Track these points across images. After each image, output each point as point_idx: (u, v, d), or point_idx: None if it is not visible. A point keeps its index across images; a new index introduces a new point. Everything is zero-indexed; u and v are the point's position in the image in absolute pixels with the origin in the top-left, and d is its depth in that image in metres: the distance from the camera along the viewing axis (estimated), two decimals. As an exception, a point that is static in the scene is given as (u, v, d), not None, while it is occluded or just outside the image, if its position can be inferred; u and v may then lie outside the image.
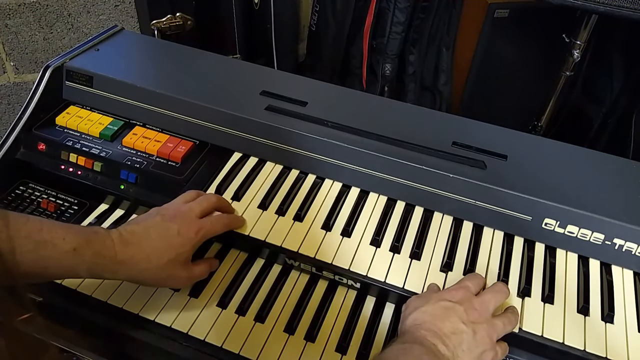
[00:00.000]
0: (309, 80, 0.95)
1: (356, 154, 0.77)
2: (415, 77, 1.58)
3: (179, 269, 0.63)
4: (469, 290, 0.63)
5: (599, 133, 1.49)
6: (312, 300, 0.69)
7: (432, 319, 0.60)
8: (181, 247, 0.63)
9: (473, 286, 0.64)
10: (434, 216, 0.75)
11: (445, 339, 0.58)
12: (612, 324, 0.65)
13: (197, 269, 0.66)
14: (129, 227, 0.63)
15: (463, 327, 0.59)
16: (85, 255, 0.57)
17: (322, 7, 1.56)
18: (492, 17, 1.46)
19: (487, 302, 0.62)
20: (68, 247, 0.56)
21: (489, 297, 0.63)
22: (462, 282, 0.65)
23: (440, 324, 0.59)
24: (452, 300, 0.62)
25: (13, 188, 0.80)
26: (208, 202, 0.69)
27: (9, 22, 1.34)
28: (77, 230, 0.59)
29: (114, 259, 0.59)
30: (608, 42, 1.43)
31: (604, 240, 0.70)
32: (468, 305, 0.61)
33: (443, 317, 0.60)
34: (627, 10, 0.98)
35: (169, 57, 0.96)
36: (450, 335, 0.58)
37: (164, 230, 0.63)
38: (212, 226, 0.67)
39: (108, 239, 0.59)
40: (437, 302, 0.62)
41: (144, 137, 0.82)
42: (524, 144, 0.83)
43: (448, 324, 0.59)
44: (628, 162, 0.81)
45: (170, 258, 0.62)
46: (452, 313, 0.60)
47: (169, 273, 0.62)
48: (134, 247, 0.60)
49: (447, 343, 0.58)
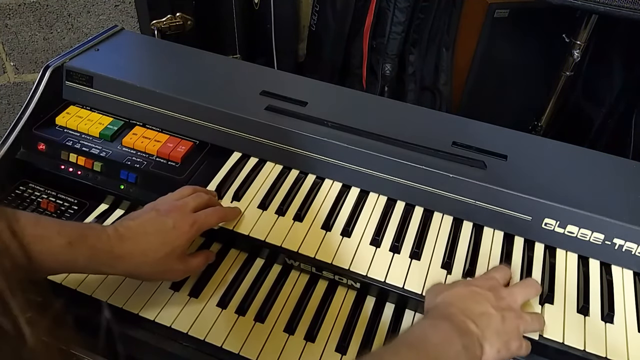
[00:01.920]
0: (309, 80, 0.95)
1: (356, 154, 0.77)
2: (415, 77, 1.58)
3: (176, 262, 0.64)
4: (497, 281, 0.64)
5: (599, 133, 1.49)
6: (312, 300, 0.69)
7: (462, 299, 0.60)
8: (177, 241, 0.63)
9: (500, 277, 0.65)
10: (434, 216, 0.75)
11: (474, 318, 0.58)
12: (612, 324, 0.65)
13: (194, 261, 0.66)
14: (124, 222, 0.63)
15: (492, 311, 0.59)
16: (81, 249, 0.57)
17: (322, 7, 1.55)
18: (492, 17, 1.46)
19: (516, 293, 0.63)
20: (63, 241, 0.56)
21: (518, 290, 0.63)
22: (489, 273, 0.66)
23: (470, 304, 0.59)
24: (482, 287, 0.62)
25: (13, 188, 0.80)
26: (202, 197, 0.69)
27: (9, 22, 1.34)
28: (72, 226, 0.59)
29: (111, 253, 0.59)
30: (608, 42, 1.43)
31: (604, 240, 0.70)
32: (497, 293, 0.62)
33: (473, 300, 0.60)
34: (627, 10, 0.98)
35: (169, 57, 0.96)
36: (479, 316, 0.58)
37: (159, 224, 0.63)
38: (207, 219, 0.67)
39: (104, 234, 0.60)
40: (466, 287, 0.62)
41: (144, 137, 0.82)
42: (524, 144, 0.83)
43: (478, 306, 0.59)
44: (628, 162, 0.81)
45: (166, 252, 0.62)
46: (482, 298, 0.60)
47: (166, 267, 0.63)
48: (130, 242, 0.60)
49: (477, 323, 0.58)
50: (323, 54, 1.62)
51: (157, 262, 0.62)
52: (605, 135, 1.47)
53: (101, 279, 0.69)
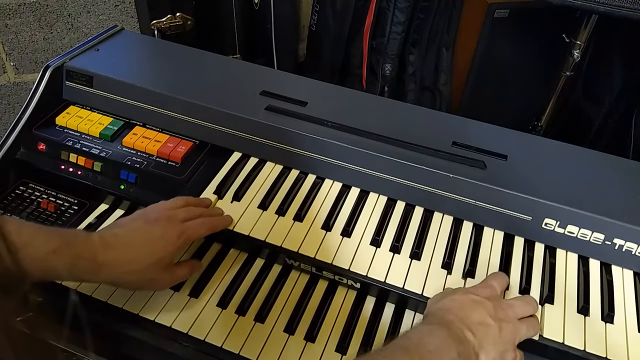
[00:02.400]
0: (309, 80, 0.95)
1: (356, 154, 0.77)
2: (415, 77, 1.58)
3: (161, 272, 0.63)
4: (495, 290, 0.64)
5: (599, 133, 1.49)
6: (312, 300, 0.69)
7: (461, 307, 0.60)
8: (163, 251, 0.62)
9: (498, 285, 0.65)
10: (434, 216, 0.75)
11: (472, 327, 0.58)
12: (612, 324, 0.65)
13: (179, 271, 0.66)
14: (111, 229, 0.63)
15: (490, 321, 0.59)
16: (65, 257, 0.56)
17: (322, 7, 1.55)
18: (492, 17, 1.46)
19: (514, 306, 0.63)
20: (47, 248, 0.56)
21: (517, 303, 0.63)
22: (487, 281, 0.66)
23: (468, 312, 0.59)
24: (481, 295, 0.62)
25: (13, 188, 0.80)
26: (193, 212, 0.68)
27: (9, 22, 1.34)
28: (56, 233, 0.59)
29: (94, 261, 0.58)
30: (608, 42, 1.43)
31: (604, 240, 0.70)
32: (496, 303, 0.62)
33: (471, 308, 0.60)
34: (627, 10, 0.98)
35: (169, 57, 0.96)
36: (477, 326, 0.58)
37: (146, 233, 0.62)
38: (196, 229, 0.66)
39: (88, 241, 0.59)
40: (465, 294, 0.62)
41: (144, 137, 0.82)
42: (524, 144, 0.83)
43: (476, 314, 0.59)
44: (628, 162, 0.81)
45: (152, 261, 0.61)
46: (480, 306, 0.60)
47: (151, 276, 0.62)
48: (115, 250, 0.59)
49: (474, 332, 0.58)
50: (323, 54, 1.62)
51: (142, 271, 0.61)
52: (605, 135, 1.47)
53: (101, 279, 0.69)
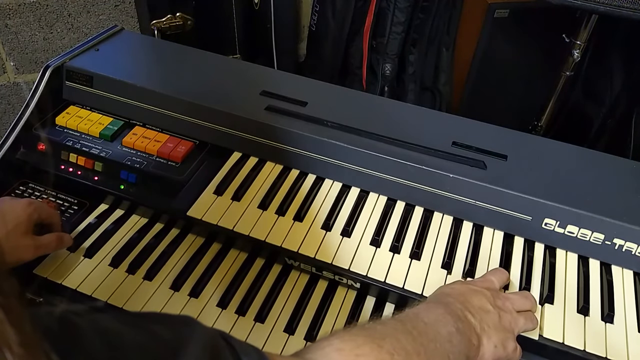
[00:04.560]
0: (309, 80, 0.95)
1: (356, 154, 0.77)
2: (415, 77, 1.58)
3: (21, 238, 0.65)
4: (493, 283, 0.64)
5: (599, 133, 1.49)
6: (312, 300, 0.69)
7: (460, 293, 0.60)
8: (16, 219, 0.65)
9: (497, 280, 0.65)
10: (434, 216, 0.75)
11: (472, 310, 0.58)
12: (612, 324, 0.65)
13: (44, 238, 0.68)
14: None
15: (490, 307, 0.59)
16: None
17: (322, 7, 1.56)
18: (492, 17, 1.46)
19: (512, 299, 0.63)
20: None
21: (515, 297, 0.64)
22: (486, 276, 0.66)
23: (468, 297, 0.60)
24: (480, 286, 0.62)
25: (13, 188, 0.80)
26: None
27: (9, 22, 1.34)
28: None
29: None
30: (608, 42, 1.43)
31: (604, 240, 0.70)
32: (495, 294, 0.62)
33: (472, 295, 0.60)
34: (627, 10, 0.98)
35: (169, 57, 0.96)
36: (477, 309, 0.58)
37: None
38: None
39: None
40: (464, 285, 0.62)
41: (144, 137, 0.82)
42: (524, 144, 0.83)
43: (476, 299, 0.60)
44: (628, 162, 0.81)
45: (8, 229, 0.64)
46: (480, 294, 0.61)
47: (12, 244, 0.64)
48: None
49: (474, 314, 0.58)
50: (323, 54, 1.62)
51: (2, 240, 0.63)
52: (605, 135, 1.47)
53: (101, 278, 0.69)
